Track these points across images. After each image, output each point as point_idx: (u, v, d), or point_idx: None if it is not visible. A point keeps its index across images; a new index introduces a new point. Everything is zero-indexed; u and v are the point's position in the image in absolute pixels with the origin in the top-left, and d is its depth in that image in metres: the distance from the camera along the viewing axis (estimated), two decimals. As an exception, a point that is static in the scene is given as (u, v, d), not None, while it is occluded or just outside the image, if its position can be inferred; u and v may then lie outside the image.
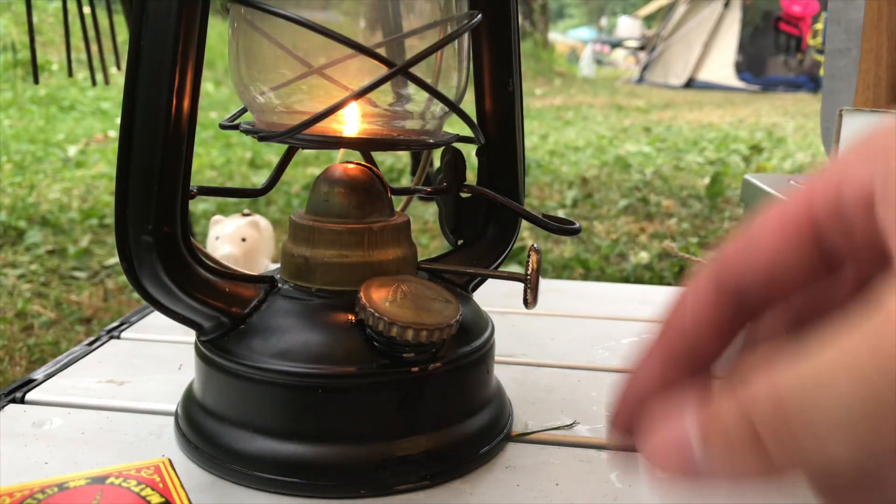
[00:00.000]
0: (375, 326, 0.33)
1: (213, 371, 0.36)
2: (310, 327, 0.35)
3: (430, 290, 0.36)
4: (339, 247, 0.37)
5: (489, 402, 0.39)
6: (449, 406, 0.37)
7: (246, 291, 0.37)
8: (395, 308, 0.33)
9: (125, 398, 0.44)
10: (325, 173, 0.38)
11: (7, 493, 0.26)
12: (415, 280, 0.36)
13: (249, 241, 0.64)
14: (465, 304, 0.38)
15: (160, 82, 0.32)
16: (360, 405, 0.35)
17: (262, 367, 0.34)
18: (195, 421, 0.37)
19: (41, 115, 3.30)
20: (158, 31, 0.32)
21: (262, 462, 0.34)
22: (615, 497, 0.35)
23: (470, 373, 0.38)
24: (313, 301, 0.36)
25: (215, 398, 0.37)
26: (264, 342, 0.35)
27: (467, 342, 0.37)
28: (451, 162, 0.42)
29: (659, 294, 0.69)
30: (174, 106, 0.32)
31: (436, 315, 0.34)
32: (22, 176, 2.17)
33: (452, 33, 0.37)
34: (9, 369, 1.02)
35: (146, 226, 0.33)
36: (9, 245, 1.55)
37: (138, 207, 0.33)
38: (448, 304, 0.35)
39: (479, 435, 0.38)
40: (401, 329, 0.33)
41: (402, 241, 0.38)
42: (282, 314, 0.36)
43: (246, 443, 0.35)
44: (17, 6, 3.82)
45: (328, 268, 0.37)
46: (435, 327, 0.33)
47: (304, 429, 0.35)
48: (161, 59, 0.32)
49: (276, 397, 0.35)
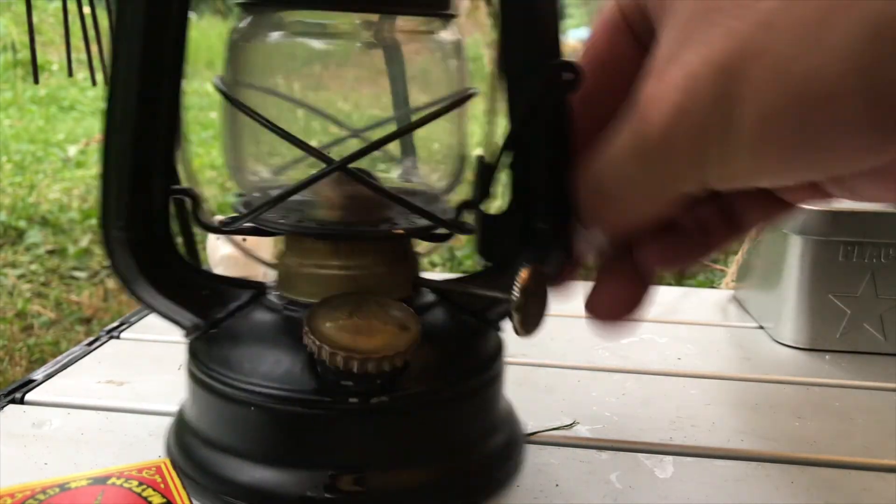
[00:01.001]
0: (310, 348, 0.31)
1: (186, 374, 0.36)
2: (265, 340, 0.34)
3: (391, 315, 0.32)
4: (318, 257, 0.35)
5: (461, 449, 0.35)
6: (400, 446, 0.33)
7: (227, 296, 0.36)
8: (333, 330, 0.31)
9: (125, 398, 0.44)
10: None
11: (8, 494, 0.26)
12: (384, 302, 0.33)
13: (249, 241, 0.63)
14: (457, 335, 0.35)
15: (130, 81, 0.31)
16: (293, 430, 0.32)
17: (213, 375, 0.33)
18: (177, 424, 0.37)
19: (41, 115, 3.30)
20: (130, 29, 0.31)
21: (203, 471, 0.34)
22: (615, 498, 0.35)
23: (434, 413, 0.33)
24: (282, 313, 0.35)
25: (186, 401, 0.37)
26: (220, 349, 0.34)
27: (435, 378, 0.33)
28: (479, 175, 0.37)
29: (659, 294, 0.69)
30: (146, 103, 0.31)
31: (376, 342, 0.30)
32: (22, 176, 2.17)
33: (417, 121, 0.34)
34: (9, 369, 1.01)
35: (118, 221, 0.32)
36: (9, 245, 1.55)
37: (113, 201, 0.32)
38: (402, 333, 0.31)
39: (437, 483, 0.34)
40: (329, 353, 0.30)
41: (390, 256, 0.35)
42: (249, 323, 0.35)
43: (195, 449, 0.34)
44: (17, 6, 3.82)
45: (305, 279, 0.35)
46: (369, 356, 0.30)
47: (241, 446, 0.33)
48: (132, 55, 0.31)
49: (220, 408, 0.34)
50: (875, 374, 0.51)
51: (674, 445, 0.40)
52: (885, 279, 0.53)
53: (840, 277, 0.53)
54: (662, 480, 0.37)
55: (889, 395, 0.47)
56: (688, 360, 0.52)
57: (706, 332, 0.58)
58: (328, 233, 0.35)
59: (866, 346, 0.54)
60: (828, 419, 0.44)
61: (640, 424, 0.42)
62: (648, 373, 0.50)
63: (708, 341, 0.56)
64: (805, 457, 0.39)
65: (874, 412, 0.45)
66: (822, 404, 0.46)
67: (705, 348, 0.55)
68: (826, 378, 0.50)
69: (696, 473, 0.37)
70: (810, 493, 0.36)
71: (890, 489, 0.36)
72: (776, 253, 0.57)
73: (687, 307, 0.65)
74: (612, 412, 0.43)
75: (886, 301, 0.53)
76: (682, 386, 0.48)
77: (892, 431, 0.42)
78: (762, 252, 0.60)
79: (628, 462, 0.38)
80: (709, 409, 0.45)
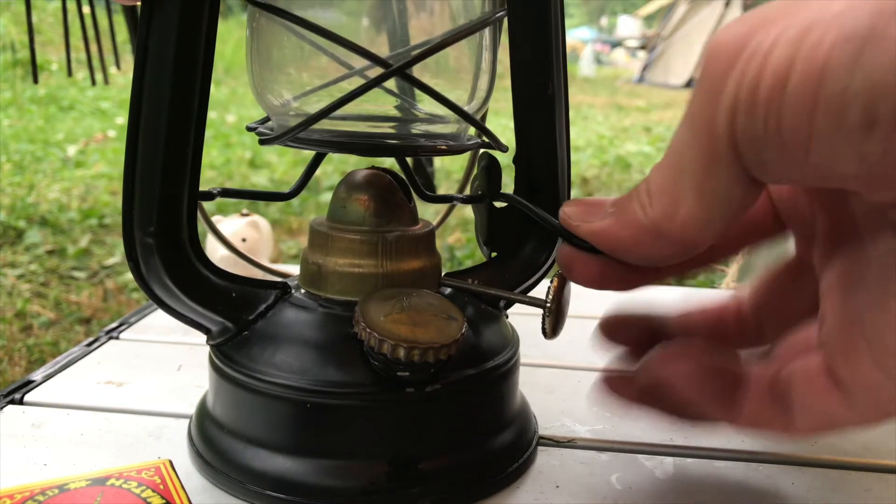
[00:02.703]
0: (367, 342, 0.32)
1: (216, 377, 0.36)
2: (308, 338, 0.34)
3: (436, 305, 0.34)
4: (352, 255, 0.35)
5: (503, 427, 0.37)
6: (451, 431, 0.35)
7: (255, 297, 0.36)
8: (390, 323, 0.32)
9: (124, 399, 0.44)
10: (345, 179, 0.37)
11: (7, 495, 0.26)
12: (424, 294, 0.34)
13: (249, 241, 0.64)
14: (484, 322, 0.37)
15: (163, 83, 0.31)
16: (351, 424, 0.33)
17: (257, 377, 0.34)
18: (202, 426, 0.37)
19: (41, 114, 3.30)
20: (162, 30, 0.31)
21: (251, 474, 0.34)
22: (615, 498, 0.35)
23: (478, 397, 0.36)
24: (318, 311, 0.35)
25: (218, 405, 0.36)
26: (262, 350, 0.34)
27: (477, 364, 0.35)
28: (486, 169, 0.39)
29: (659, 294, 0.69)
30: (177, 108, 0.32)
31: (433, 333, 0.32)
32: (21, 176, 2.17)
33: (460, 31, 0.35)
34: (8, 369, 1.01)
35: (148, 227, 0.32)
36: (8, 245, 1.55)
37: (141, 208, 0.33)
38: (451, 322, 0.33)
39: (488, 462, 0.36)
40: (391, 346, 0.31)
41: (422, 253, 0.37)
42: (284, 322, 0.35)
43: (239, 453, 0.34)
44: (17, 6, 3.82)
45: (339, 277, 0.35)
46: (429, 346, 0.31)
47: (294, 443, 0.34)
48: (164, 60, 0.31)
49: (269, 408, 0.34)
50: (875, 374, 0.51)
51: (674, 446, 0.40)
52: (885, 279, 0.53)
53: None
54: (662, 481, 0.37)
55: (889, 396, 0.47)
56: (688, 360, 0.52)
57: (706, 333, 0.58)
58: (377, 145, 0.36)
59: (866, 346, 0.54)
60: (828, 419, 0.44)
61: (640, 425, 0.42)
62: (648, 373, 0.50)
63: (708, 341, 0.56)
64: (805, 457, 0.39)
65: (874, 412, 0.45)
66: (823, 404, 0.46)
67: (705, 348, 0.55)
68: (826, 378, 0.50)
69: (696, 473, 0.37)
70: (810, 493, 0.36)
71: (890, 489, 0.36)
72: (776, 253, 0.57)
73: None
74: (612, 413, 0.43)
75: (886, 301, 0.53)
76: (682, 386, 0.48)
77: (892, 431, 0.42)
78: (762, 252, 0.60)
79: (628, 463, 0.38)
80: (709, 409, 0.45)
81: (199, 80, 0.32)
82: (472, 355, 0.35)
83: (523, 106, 0.38)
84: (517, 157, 0.39)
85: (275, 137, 0.34)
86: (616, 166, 2.60)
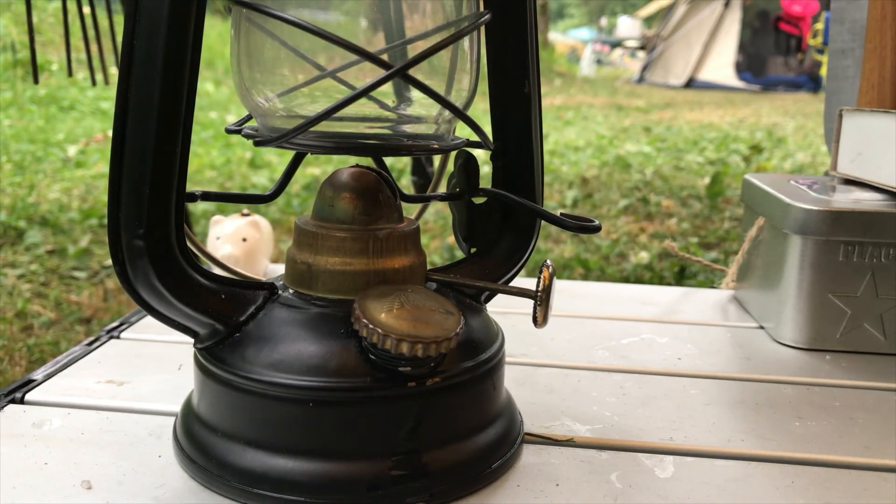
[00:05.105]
0: (370, 338, 0.32)
1: (207, 380, 0.35)
2: (304, 337, 0.34)
3: (431, 301, 0.34)
4: (342, 254, 0.35)
5: (496, 417, 0.38)
6: (451, 423, 0.35)
7: (243, 298, 0.36)
8: (391, 319, 0.32)
9: (125, 398, 0.44)
10: (330, 177, 0.37)
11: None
12: (417, 290, 0.35)
13: (250, 241, 0.64)
14: (472, 316, 0.37)
15: (151, 83, 0.31)
16: (354, 420, 0.33)
17: (254, 378, 0.33)
18: (190, 430, 0.37)
19: (41, 115, 3.30)
20: (150, 30, 0.31)
21: (251, 476, 0.33)
22: (615, 497, 0.35)
23: (474, 388, 0.36)
24: (311, 310, 0.35)
25: (209, 408, 0.36)
26: (257, 352, 0.34)
27: (472, 356, 0.36)
28: (464, 166, 0.40)
29: (659, 294, 0.69)
30: (166, 108, 0.31)
31: (434, 328, 0.32)
32: (22, 176, 2.17)
33: (455, 33, 0.36)
34: (8, 369, 1.02)
35: (137, 229, 0.32)
36: (9, 245, 1.55)
37: (129, 210, 0.32)
38: (449, 317, 0.34)
39: (484, 453, 0.36)
40: (395, 342, 0.31)
41: (410, 250, 0.37)
42: (277, 323, 0.35)
43: (237, 455, 0.34)
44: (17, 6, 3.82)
45: (330, 276, 0.36)
46: (431, 340, 0.31)
47: (296, 443, 0.33)
48: (153, 59, 0.31)
49: (268, 409, 0.34)
50: (875, 374, 0.51)
51: (674, 445, 0.40)
52: (885, 279, 0.53)
53: (840, 277, 0.53)
54: (662, 480, 0.37)
55: (889, 395, 0.47)
56: (688, 360, 0.52)
57: (706, 332, 0.58)
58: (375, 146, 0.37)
59: (866, 345, 0.54)
60: (828, 419, 0.44)
61: (640, 424, 0.42)
62: (648, 373, 0.50)
63: (708, 341, 0.56)
64: (805, 457, 0.39)
65: (874, 412, 0.45)
66: (822, 404, 0.46)
67: (705, 348, 0.55)
68: (826, 378, 0.50)
69: (696, 473, 0.37)
70: (810, 493, 0.36)
71: (890, 489, 0.36)
72: (776, 253, 0.57)
73: (687, 307, 0.65)
74: (613, 412, 0.43)
75: (886, 301, 0.53)
76: (682, 386, 0.48)
77: (892, 431, 0.42)
78: (762, 252, 0.60)
79: (628, 462, 0.38)
80: (709, 409, 0.45)
81: (186, 79, 0.32)
82: (467, 348, 0.36)
83: (501, 104, 0.40)
84: (494, 153, 0.40)
85: (274, 139, 0.34)
86: (616, 166, 2.60)
